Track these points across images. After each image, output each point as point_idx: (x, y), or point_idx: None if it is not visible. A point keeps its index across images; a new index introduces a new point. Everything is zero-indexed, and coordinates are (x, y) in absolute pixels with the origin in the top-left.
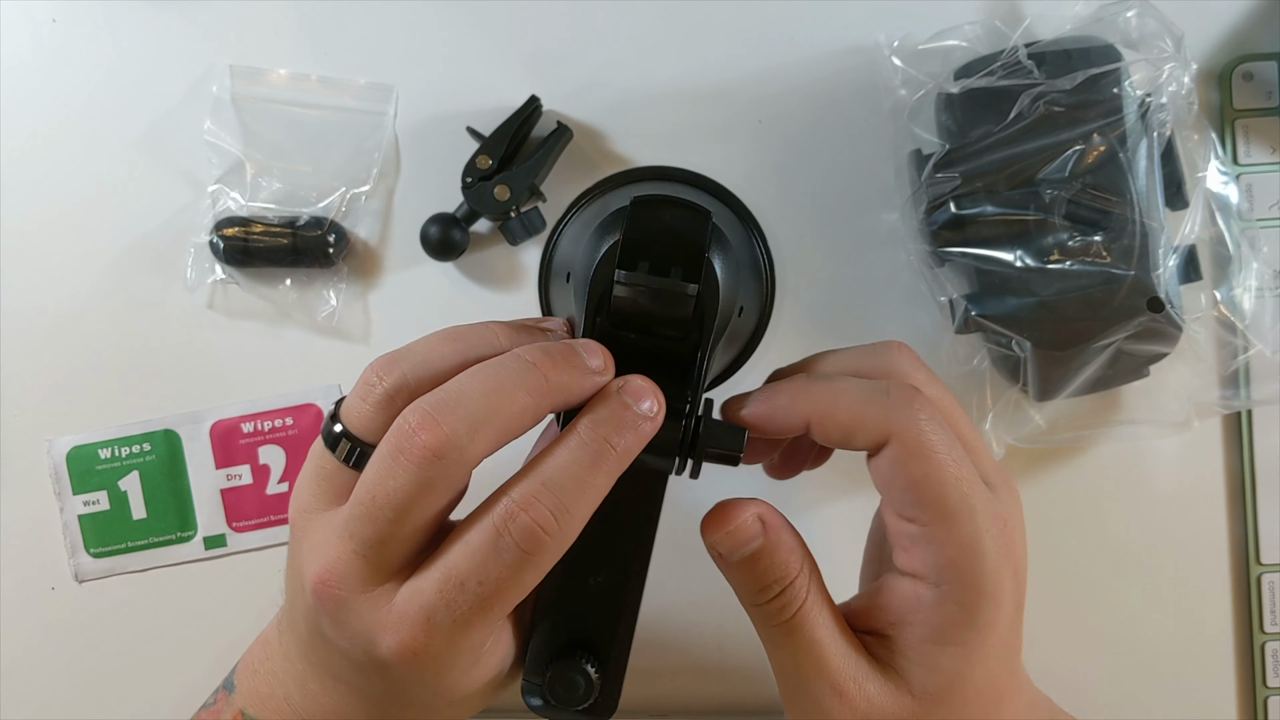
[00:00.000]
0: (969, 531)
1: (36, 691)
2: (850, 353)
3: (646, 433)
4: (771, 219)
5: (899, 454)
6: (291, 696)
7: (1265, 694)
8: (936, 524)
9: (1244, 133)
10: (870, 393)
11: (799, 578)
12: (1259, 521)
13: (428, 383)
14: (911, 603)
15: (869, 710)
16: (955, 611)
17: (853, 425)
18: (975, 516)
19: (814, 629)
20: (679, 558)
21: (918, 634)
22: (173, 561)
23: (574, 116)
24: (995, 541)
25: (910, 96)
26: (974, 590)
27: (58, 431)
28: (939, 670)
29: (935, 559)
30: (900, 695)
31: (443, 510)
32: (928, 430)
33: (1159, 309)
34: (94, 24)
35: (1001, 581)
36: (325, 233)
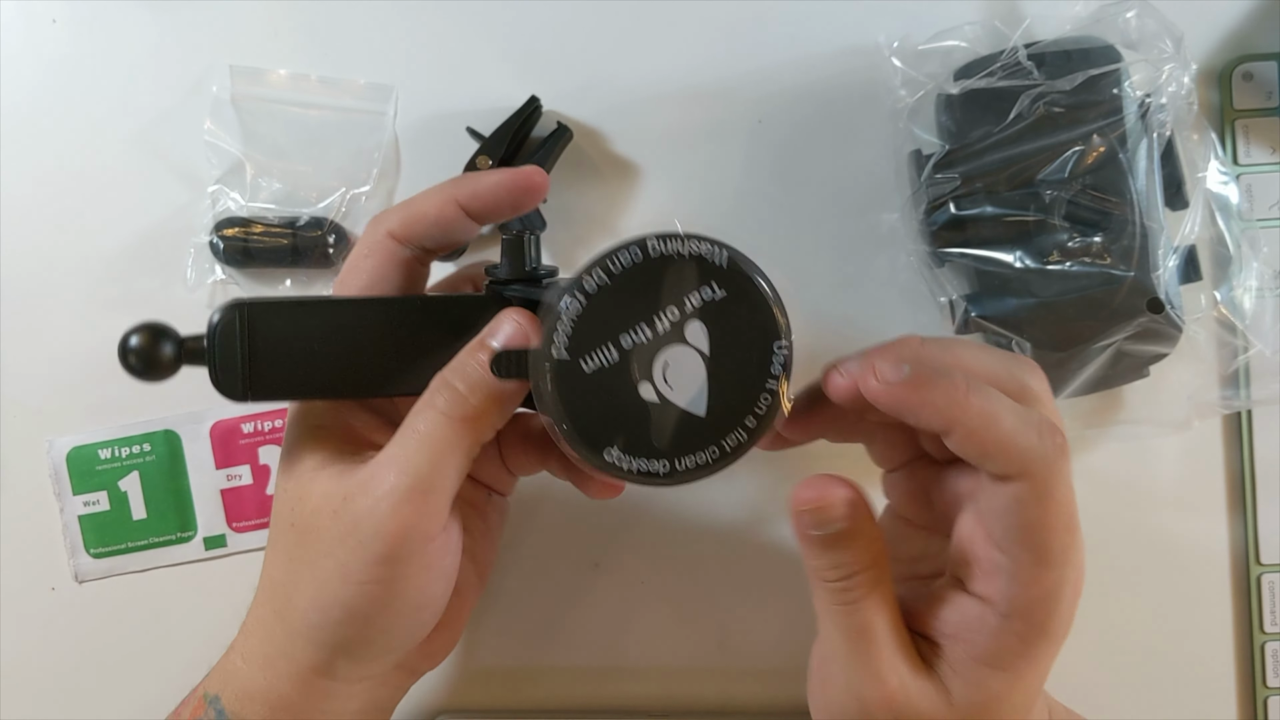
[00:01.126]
0: (1057, 579)
1: (36, 691)
2: (989, 356)
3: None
4: (771, 219)
5: (1025, 493)
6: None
7: (1265, 694)
8: (1031, 565)
9: (1244, 133)
10: (1023, 424)
11: (871, 570)
12: (1259, 521)
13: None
14: (973, 623)
15: (905, 706)
16: (1014, 643)
17: (996, 452)
18: (1067, 567)
19: (872, 617)
20: (677, 560)
21: (970, 652)
22: (173, 562)
23: (574, 116)
24: (1073, 590)
25: (910, 97)
26: (1039, 629)
27: (58, 431)
28: (982, 689)
29: (1015, 594)
30: (939, 702)
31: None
32: (1062, 480)
33: (1159, 310)
34: (94, 24)
35: (1065, 626)
36: (325, 233)
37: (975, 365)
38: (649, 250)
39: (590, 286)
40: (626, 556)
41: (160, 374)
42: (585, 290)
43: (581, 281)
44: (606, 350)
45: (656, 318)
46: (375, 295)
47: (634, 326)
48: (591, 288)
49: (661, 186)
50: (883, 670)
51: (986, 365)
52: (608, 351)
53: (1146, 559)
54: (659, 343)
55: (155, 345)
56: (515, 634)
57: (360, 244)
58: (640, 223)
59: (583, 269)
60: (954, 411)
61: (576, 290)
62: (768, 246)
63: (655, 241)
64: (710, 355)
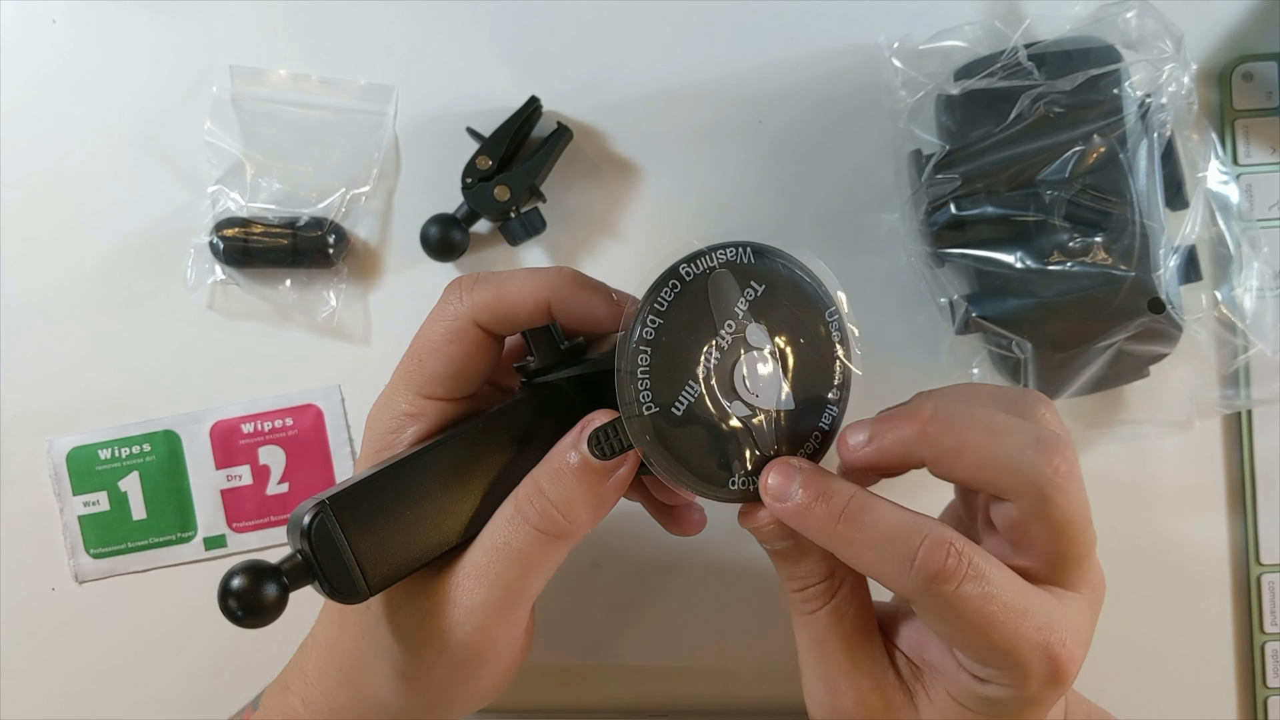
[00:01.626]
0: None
1: (36, 691)
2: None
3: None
4: (771, 219)
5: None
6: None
7: (1265, 694)
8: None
9: (1244, 133)
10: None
11: (826, 582)
12: (1259, 521)
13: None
14: (952, 662)
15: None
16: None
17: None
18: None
19: (827, 629)
20: (678, 560)
21: (946, 687)
22: (173, 562)
23: (574, 116)
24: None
25: (910, 97)
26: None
27: (58, 431)
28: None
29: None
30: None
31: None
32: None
33: (1159, 310)
34: (94, 24)
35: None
36: (325, 233)
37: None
38: (683, 276)
39: (649, 334)
40: (626, 556)
41: (267, 619)
42: (646, 340)
43: (640, 333)
44: (689, 387)
45: (718, 336)
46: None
47: (702, 353)
48: (650, 335)
49: (661, 186)
50: (838, 681)
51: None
52: (691, 388)
53: (1147, 559)
54: (729, 358)
55: (257, 588)
56: None
57: (442, 320)
58: (640, 223)
59: (635, 321)
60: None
61: (638, 344)
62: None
63: (685, 266)
64: (777, 350)
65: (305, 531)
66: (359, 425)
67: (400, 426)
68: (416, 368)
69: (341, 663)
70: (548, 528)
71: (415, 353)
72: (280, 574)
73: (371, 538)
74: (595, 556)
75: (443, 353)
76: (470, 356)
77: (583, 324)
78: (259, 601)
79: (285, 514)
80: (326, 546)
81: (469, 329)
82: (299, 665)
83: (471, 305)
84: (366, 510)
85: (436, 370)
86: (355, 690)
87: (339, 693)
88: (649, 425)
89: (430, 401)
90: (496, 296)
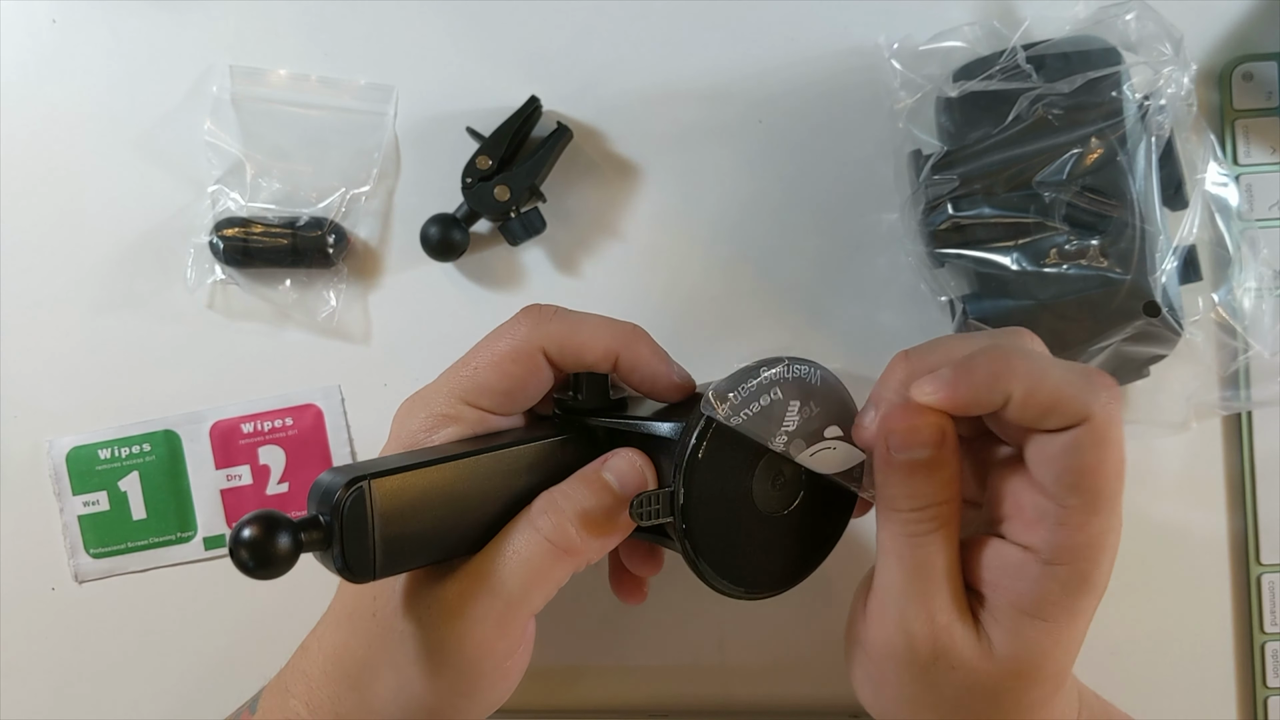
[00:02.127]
0: (1103, 526)
1: (36, 691)
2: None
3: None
4: (771, 219)
5: (1084, 439)
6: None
7: (1265, 694)
8: (1081, 511)
9: (1244, 133)
10: (1073, 372)
11: (948, 505)
12: (1259, 521)
13: None
14: (1015, 570)
15: (949, 648)
16: (1056, 591)
17: (1055, 402)
18: (1114, 514)
19: (936, 554)
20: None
21: (1011, 600)
22: (173, 562)
23: (574, 116)
24: (1115, 540)
25: (909, 98)
26: (1081, 577)
27: (58, 431)
28: (1022, 639)
29: (1061, 540)
30: (982, 651)
31: None
32: (1116, 426)
33: (1155, 313)
34: (94, 24)
35: (1106, 577)
36: (325, 233)
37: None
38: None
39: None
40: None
41: (277, 570)
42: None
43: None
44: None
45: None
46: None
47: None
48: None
49: (661, 186)
50: (935, 608)
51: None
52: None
53: (1147, 559)
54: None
55: (270, 538)
56: None
57: (510, 338)
58: (640, 223)
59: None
60: (1005, 379)
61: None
62: (768, 247)
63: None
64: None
65: (339, 502)
66: (359, 425)
67: (435, 427)
68: (470, 375)
69: (349, 667)
70: (558, 539)
71: (472, 360)
72: (296, 529)
73: (399, 526)
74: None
75: (502, 369)
76: (526, 380)
77: (641, 383)
78: (271, 552)
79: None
80: (356, 522)
81: (534, 354)
82: (300, 666)
83: (545, 333)
84: (403, 499)
85: (490, 383)
86: (360, 696)
87: (345, 697)
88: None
89: (472, 410)
90: (570, 333)
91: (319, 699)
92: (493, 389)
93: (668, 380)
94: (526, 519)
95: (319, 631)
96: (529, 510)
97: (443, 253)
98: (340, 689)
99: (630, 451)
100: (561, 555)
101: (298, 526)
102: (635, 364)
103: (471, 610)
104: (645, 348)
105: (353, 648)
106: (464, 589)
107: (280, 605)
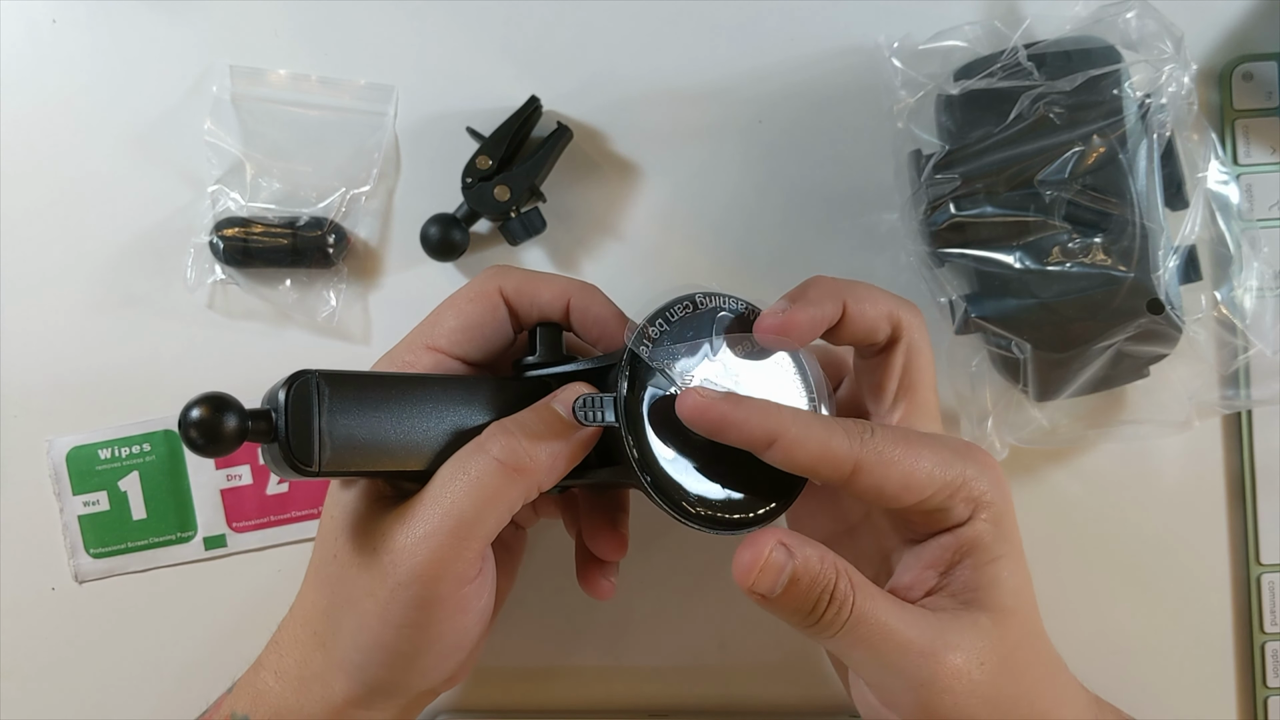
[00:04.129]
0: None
1: (36, 691)
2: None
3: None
4: (771, 219)
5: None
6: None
7: (1265, 694)
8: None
9: (1244, 133)
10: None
11: (840, 579)
12: (1259, 521)
13: None
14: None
15: (958, 649)
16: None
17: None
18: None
19: (876, 617)
20: (678, 560)
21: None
22: (173, 562)
23: (574, 116)
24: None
25: (910, 97)
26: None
27: (58, 431)
28: (997, 584)
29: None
30: (976, 623)
31: None
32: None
33: (1158, 311)
34: (94, 24)
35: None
36: (325, 233)
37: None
38: (697, 304)
39: (655, 334)
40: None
41: (224, 448)
42: (651, 337)
43: (647, 330)
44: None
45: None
46: (433, 374)
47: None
48: (656, 334)
49: (661, 186)
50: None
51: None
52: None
53: (1147, 559)
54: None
55: (218, 418)
56: (515, 634)
57: (471, 286)
58: (640, 223)
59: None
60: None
61: (644, 339)
62: (767, 246)
63: (702, 297)
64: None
65: (286, 390)
66: None
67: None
68: (430, 320)
69: (316, 624)
70: (507, 457)
71: (434, 311)
72: (244, 412)
73: (343, 422)
74: None
75: (458, 308)
76: (484, 317)
77: (592, 328)
78: (219, 430)
79: (285, 514)
80: (301, 411)
81: (491, 293)
82: (274, 637)
83: (503, 277)
84: (349, 397)
85: (446, 321)
86: (325, 653)
87: (312, 658)
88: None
89: (429, 352)
90: (525, 277)
91: (286, 665)
92: (449, 326)
93: (617, 325)
94: (476, 443)
95: (293, 603)
96: (479, 437)
97: (443, 253)
98: (308, 650)
99: (578, 384)
100: (511, 473)
101: (244, 410)
102: (587, 309)
103: (420, 528)
104: (598, 298)
105: (317, 601)
106: (415, 511)
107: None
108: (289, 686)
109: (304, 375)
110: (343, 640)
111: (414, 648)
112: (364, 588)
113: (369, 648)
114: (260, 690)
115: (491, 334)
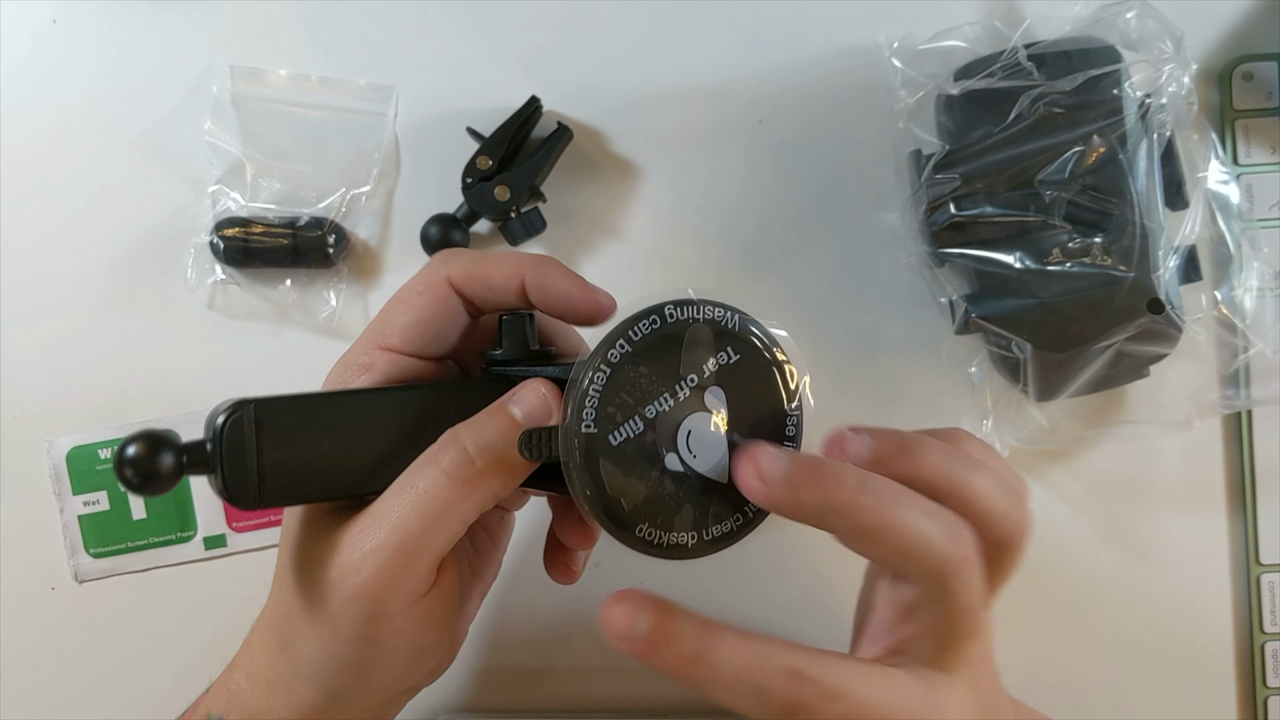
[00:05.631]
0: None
1: (36, 691)
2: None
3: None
4: (771, 219)
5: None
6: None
7: (1265, 694)
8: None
9: (1244, 133)
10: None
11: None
12: (1259, 521)
13: None
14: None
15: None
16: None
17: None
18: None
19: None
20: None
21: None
22: (173, 561)
23: (574, 117)
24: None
25: (910, 97)
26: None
27: (58, 431)
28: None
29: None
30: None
31: None
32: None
33: (1159, 310)
34: (94, 24)
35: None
36: (325, 233)
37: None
38: (666, 316)
39: (614, 357)
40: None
41: (160, 487)
42: (610, 361)
43: (606, 353)
44: (633, 423)
45: (678, 385)
46: (381, 386)
47: (657, 396)
48: (615, 358)
49: (661, 186)
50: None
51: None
52: (634, 424)
53: (1147, 559)
54: (681, 410)
55: (153, 456)
56: (515, 634)
57: (418, 279)
58: (640, 223)
59: (605, 341)
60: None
61: (600, 363)
62: (768, 246)
63: (671, 308)
64: (729, 421)
65: (220, 426)
66: None
67: (351, 377)
68: (380, 318)
69: (280, 629)
70: (456, 471)
71: (384, 307)
72: (179, 449)
73: (281, 454)
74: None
75: (407, 302)
76: (434, 309)
77: (554, 305)
78: (154, 470)
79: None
80: (235, 446)
81: (439, 284)
82: (247, 639)
83: (448, 266)
84: (286, 425)
85: (396, 317)
86: (289, 658)
87: (278, 662)
88: (582, 444)
89: (384, 353)
90: (474, 261)
91: (257, 667)
92: (399, 322)
93: (582, 297)
94: (428, 454)
95: (265, 603)
96: (431, 448)
97: None
98: (273, 654)
99: (537, 382)
100: (460, 487)
101: (181, 448)
102: (544, 286)
103: (366, 543)
104: (553, 271)
105: (279, 605)
106: (364, 525)
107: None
108: (259, 689)
109: (239, 408)
110: (300, 648)
111: (368, 659)
112: (314, 598)
113: (322, 658)
114: (234, 691)
115: (445, 326)
